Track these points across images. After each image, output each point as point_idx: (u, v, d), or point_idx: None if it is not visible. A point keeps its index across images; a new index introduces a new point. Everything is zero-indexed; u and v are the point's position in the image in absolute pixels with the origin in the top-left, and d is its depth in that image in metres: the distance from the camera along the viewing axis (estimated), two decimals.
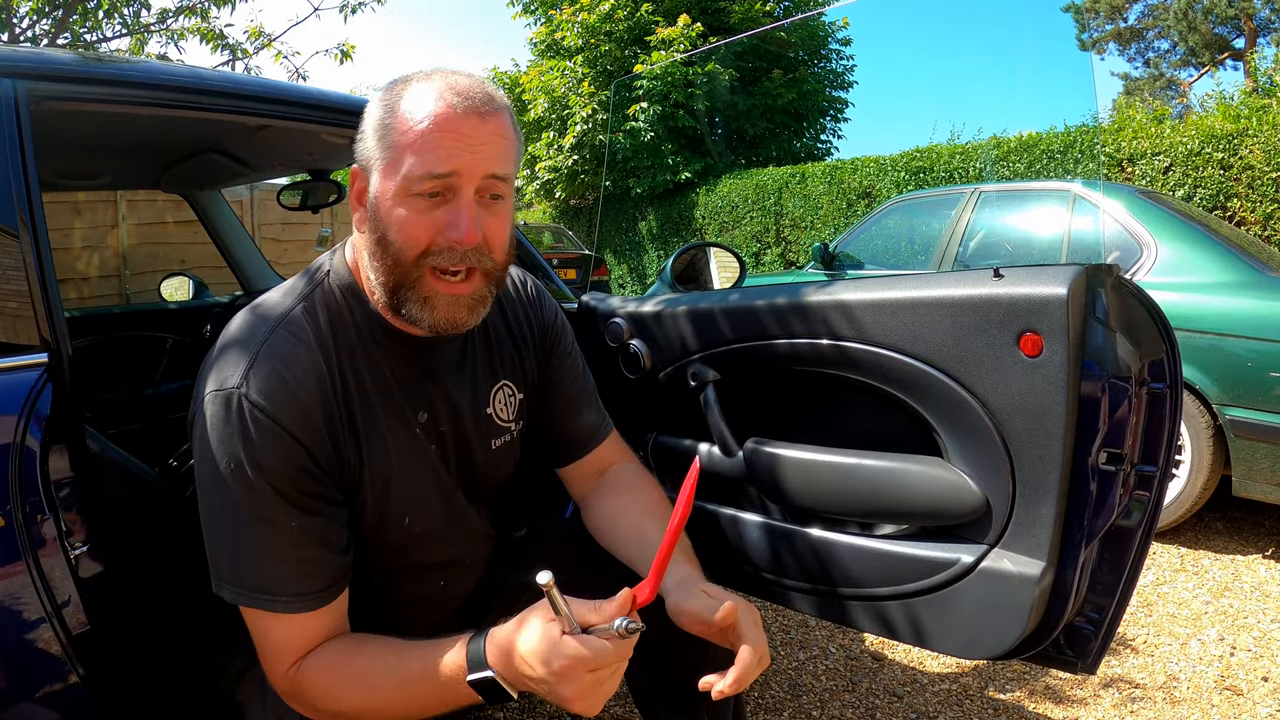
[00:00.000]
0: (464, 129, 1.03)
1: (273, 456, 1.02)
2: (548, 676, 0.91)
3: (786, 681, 2.42)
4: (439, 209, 1.05)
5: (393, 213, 1.05)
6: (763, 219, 12.83)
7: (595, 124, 15.18)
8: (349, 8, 7.07)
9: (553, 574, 0.90)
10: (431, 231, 1.05)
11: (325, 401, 1.08)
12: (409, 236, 1.05)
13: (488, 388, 1.30)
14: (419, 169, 1.03)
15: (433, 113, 1.03)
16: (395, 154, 1.04)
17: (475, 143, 1.04)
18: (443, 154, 1.03)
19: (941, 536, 1.41)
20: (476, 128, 1.04)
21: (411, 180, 1.03)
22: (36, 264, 1.21)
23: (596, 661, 0.91)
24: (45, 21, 6.34)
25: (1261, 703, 2.28)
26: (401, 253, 1.06)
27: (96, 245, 7.19)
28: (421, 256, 1.06)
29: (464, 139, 1.03)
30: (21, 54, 1.38)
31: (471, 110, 1.04)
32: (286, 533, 1.03)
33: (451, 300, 1.09)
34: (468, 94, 1.05)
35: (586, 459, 1.42)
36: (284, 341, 1.08)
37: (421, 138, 1.03)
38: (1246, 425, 3.25)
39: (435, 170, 1.03)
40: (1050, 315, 1.23)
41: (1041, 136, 9.28)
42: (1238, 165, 7.24)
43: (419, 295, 1.08)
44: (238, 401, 1.02)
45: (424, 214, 1.05)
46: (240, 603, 1.05)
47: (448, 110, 1.03)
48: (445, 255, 1.06)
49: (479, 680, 0.98)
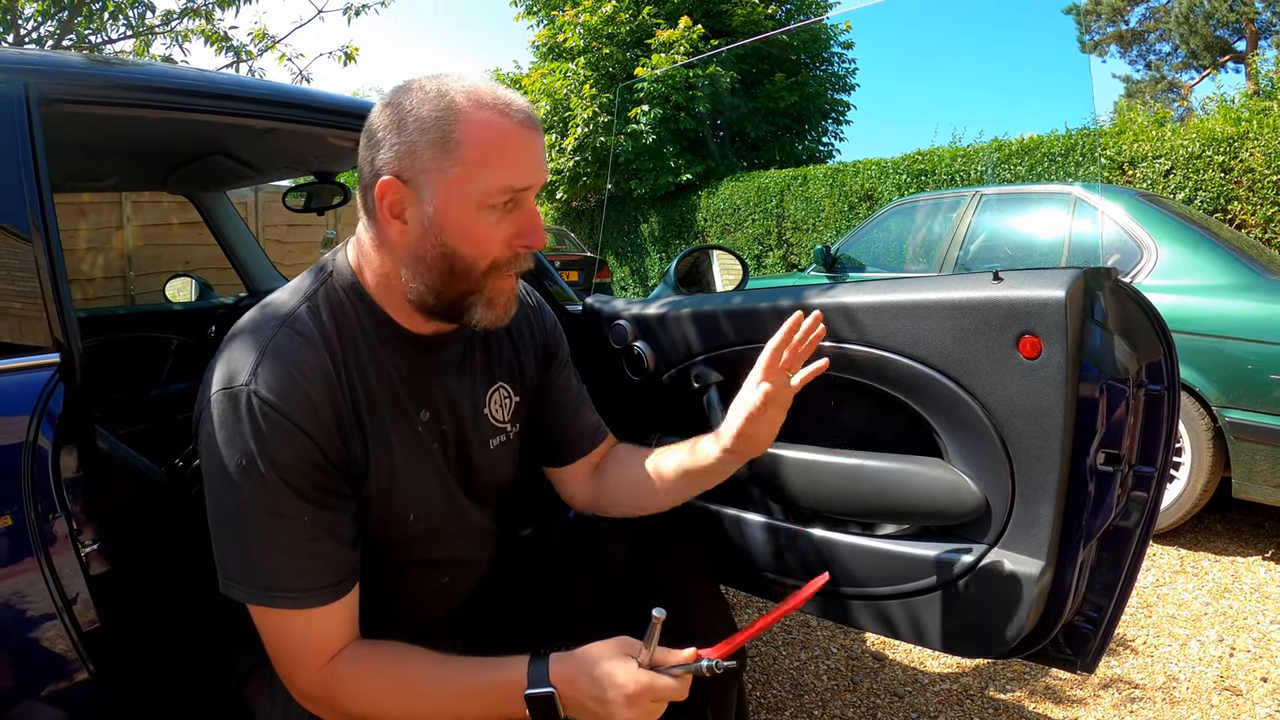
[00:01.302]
0: (533, 144, 1.09)
1: (284, 451, 1.03)
2: (618, 699, 1.00)
3: (788, 681, 2.43)
4: (506, 219, 1.09)
5: (468, 228, 1.07)
6: (764, 221, 12.83)
7: (597, 126, 15.18)
8: (352, 10, 7.09)
9: (665, 612, 1.02)
10: (502, 243, 1.09)
11: (332, 397, 1.09)
12: (484, 250, 1.08)
13: (484, 388, 1.31)
14: (500, 183, 1.05)
15: (505, 129, 1.06)
16: (467, 169, 1.05)
17: (540, 156, 1.10)
18: (523, 169, 1.07)
19: (942, 536, 1.43)
20: (537, 142, 1.10)
21: (490, 194, 1.05)
22: (48, 265, 1.22)
23: (663, 694, 1.02)
24: (50, 23, 6.37)
25: (1261, 703, 2.29)
26: (475, 265, 1.09)
27: (102, 246, 7.20)
28: (492, 267, 1.10)
29: (534, 152, 1.09)
30: (33, 56, 1.40)
31: (531, 125, 1.09)
32: (299, 527, 1.04)
33: (509, 296, 1.15)
34: (522, 108, 1.09)
35: (587, 457, 1.45)
36: (290, 339, 1.09)
37: (501, 154, 1.05)
38: (1246, 427, 3.27)
39: (517, 185, 1.07)
40: (1049, 318, 1.25)
41: (1042, 140, 9.29)
42: (1238, 168, 7.25)
43: (485, 298, 1.12)
44: (247, 398, 1.03)
45: (495, 226, 1.08)
46: (251, 601, 1.05)
47: (516, 126, 1.07)
48: (521, 261, 1.12)
49: (536, 695, 1.03)
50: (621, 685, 1.00)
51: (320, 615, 1.06)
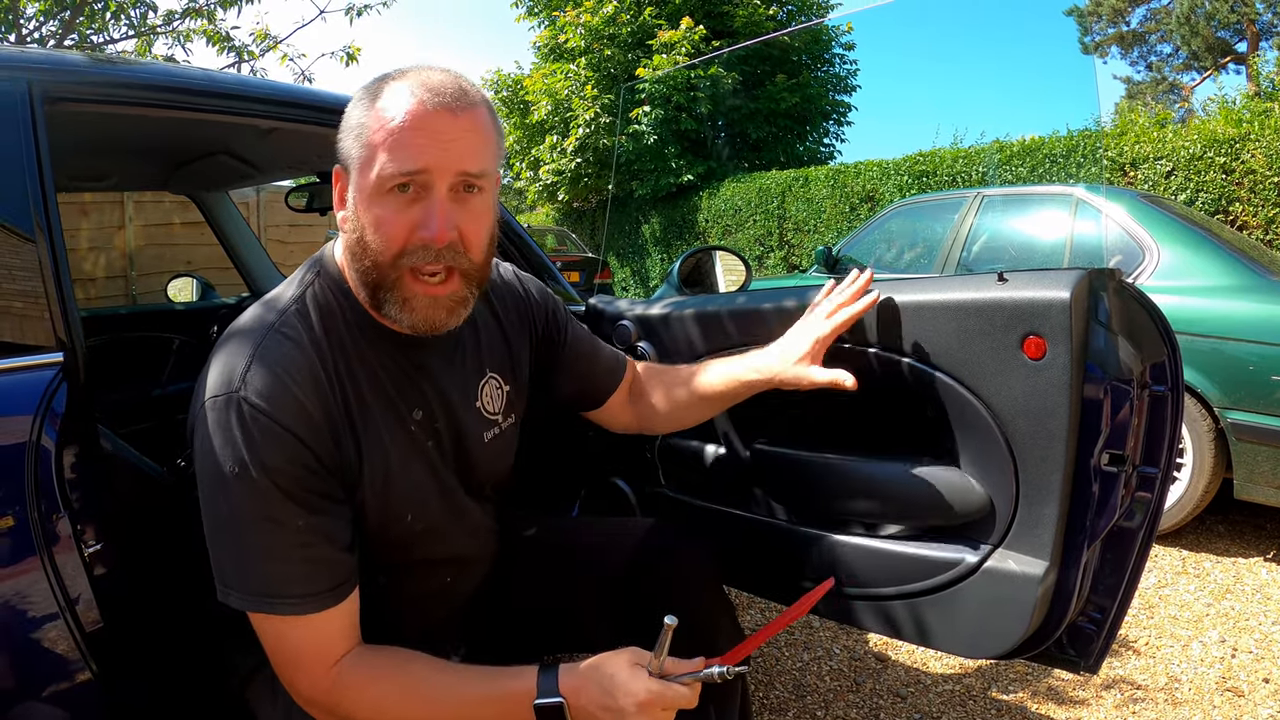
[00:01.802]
0: (435, 125, 1.03)
1: (276, 456, 1.02)
2: (629, 707, 1.00)
3: (791, 682, 2.43)
4: (413, 207, 1.05)
5: (369, 212, 1.05)
6: (766, 222, 12.83)
7: (598, 127, 15.18)
8: (354, 10, 7.09)
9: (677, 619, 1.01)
10: (406, 230, 1.05)
11: (323, 400, 1.08)
12: (385, 236, 1.05)
13: (475, 381, 1.30)
14: (389, 167, 1.02)
15: (404, 109, 1.03)
16: (369, 152, 1.04)
17: (446, 139, 1.04)
18: (413, 151, 1.02)
19: (945, 537, 1.43)
20: (449, 124, 1.04)
21: (384, 179, 1.03)
22: (52, 264, 1.22)
23: (673, 702, 1.02)
24: (52, 23, 6.37)
25: (1263, 704, 2.29)
26: (379, 253, 1.06)
27: (103, 246, 7.20)
28: (398, 257, 1.06)
29: (435, 135, 1.03)
30: (36, 55, 1.39)
31: (443, 106, 1.04)
32: (293, 533, 1.03)
33: (430, 301, 1.09)
34: (439, 90, 1.04)
35: (618, 391, 1.51)
36: (278, 343, 1.08)
37: (393, 135, 1.02)
38: (1248, 428, 3.26)
39: (405, 168, 1.02)
40: (1053, 319, 1.24)
41: (1044, 141, 9.29)
42: (1240, 169, 7.25)
43: (398, 296, 1.08)
44: (237, 404, 1.02)
45: (399, 213, 1.04)
46: (249, 609, 1.04)
47: (418, 107, 1.03)
48: (420, 254, 1.05)
49: (546, 706, 1.03)
50: (633, 694, 1.00)
51: (319, 620, 1.05)
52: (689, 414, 1.50)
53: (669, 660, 1.03)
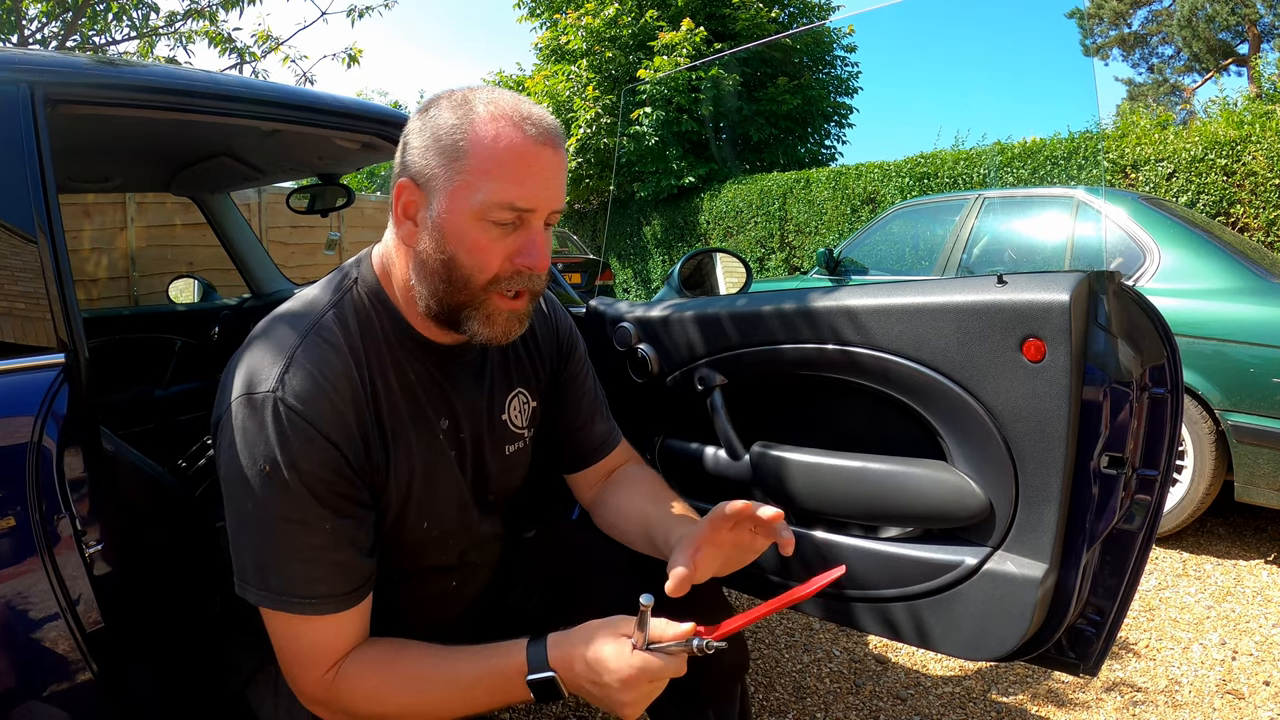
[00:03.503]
0: (542, 162, 1.06)
1: (310, 459, 1.03)
2: (613, 683, 1.00)
3: (791, 684, 2.43)
4: (510, 235, 1.07)
5: (465, 236, 1.06)
6: (767, 224, 12.83)
7: (600, 128, 15.18)
8: (356, 12, 7.10)
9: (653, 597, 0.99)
10: (503, 257, 1.07)
11: (357, 406, 1.09)
12: (481, 263, 1.07)
13: (504, 394, 1.31)
14: (500, 198, 1.04)
15: (514, 143, 1.04)
16: (470, 178, 1.04)
17: (550, 176, 1.07)
18: (527, 189, 1.05)
19: (945, 539, 1.43)
20: (551, 160, 1.07)
21: (490, 208, 1.04)
22: (54, 266, 1.22)
23: (659, 674, 1.00)
24: (54, 24, 6.38)
25: (1263, 707, 2.29)
26: (472, 277, 1.07)
27: (105, 247, 7.23)
28: (492, 282, 1.08)
29: (542, 173, 1.06)
30: (38, 57, 1.40)
31: (547, 143, 1.06)
32: (320, 535, 1.04)
33: (510, 315, 1.12)
34: (541, 124, 1.07)
35: (597, 466, 1.45)
36: (317, 346, 1.09)
37: (503, 168, 1.04)
38: (1248, 431, 3.26)
39: (518, 204, 1.04)
40: (1053, 321, 1.25)
41: (1045, 143, 9.27)
42: (1241, 171, 7.24)
43: (483, 314, 1.10)
44: (274, 405, 1.03)
45: (497, 241, 1.06)
46: (266, 605, 1.05)
47: (527, 142, 1.05)
48: (514, 280, 1.09)
49: (538, 680, 1.05)
50: (615, 670, 0.99)
51: (334, 622, 1.06)
52: (625, 543, 1.37)
53: (658, 625, 1.02)
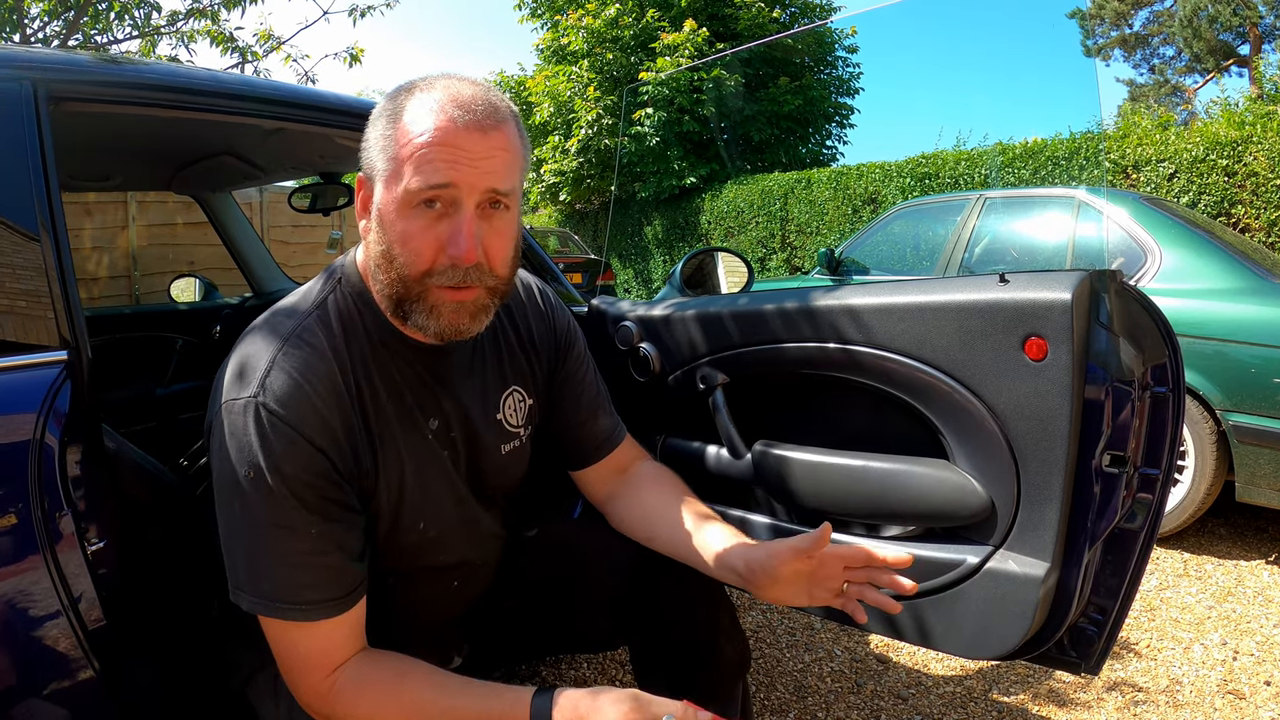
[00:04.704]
0: (465, 143, 1.02)
1: (293, 463, 1.02)
2: None
3: (792, 683, 2.43)
4: (440, 222, 1.04)
5: (395, 225, 1.04)
6: (768, 224, 12.83)
7: (601, 129, 15.18)
8: (358, 12, 7.10)
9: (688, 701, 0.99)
10: (434, 247, 1.04)
11: (342, 409, 1.08)
12: (413, 252, 1.04)
13: (498, 393, 1.30)
14: (416, 182, 1.01)
15: (433, 125, 1.02)
16: (396, 165, 1.03)
17: (476, 157, 1.02)
18: (441, 167, 1.01)
19: (947, 538, 1.43)
20: (478, 141, 1.03)
21: (411, 193, 1.02)
22: (57, 264, 1.22)
23: None
24: (56, 23, 6.38)
25: (1264, 707, 2.29)
26: (406, 268, 1.05)
27: (107, 246, 7.23)
28: (425, 275, 1.05)
29: (464, 153, 1.02)
30: (41, 55, 1.40)
31: (473, 124, 1.02)
32: (307, 540, 1.03)
33: (456, 307, 1.08)
34: (470, 106, 1.03)
35: (603, 462, 1.43)
36: (299, 350, 1.08)
37: (421, 151, 1.01)
38: (1249, 431, 3.26)
39: (432, 181, 1.01)
40: (1055, 320, 1.25)
41: (1046, 143, 9.28)
42: (1242, 172, 7.24)
43: (425, 305, 1.07)
44: (256, 410, 1.03)
45: (426, 229, 1.03)
46: (259, 612, 1.05)
47: (448, 123, 1.02)
48: (449, 274, 1.05)
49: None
50: None
51: (327, 627, 1.06)
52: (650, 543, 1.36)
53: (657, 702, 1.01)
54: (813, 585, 1.18)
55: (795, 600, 1.19)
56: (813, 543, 1.13)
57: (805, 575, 1.17)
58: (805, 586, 1.18)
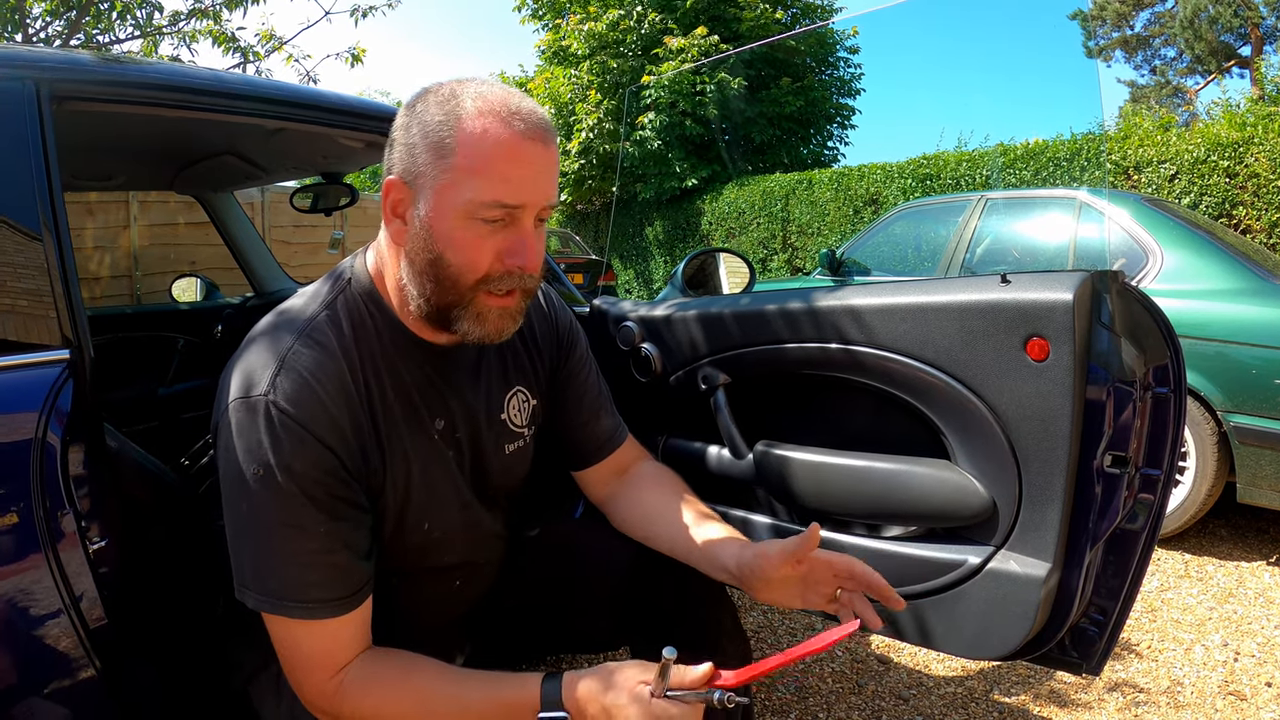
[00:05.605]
0: (531, 158, 1.03)
1: (302, 461, 1.02)
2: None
3: (793, 684, 2.43)
4: (499, 233, 1.05)
5: (453, 235, 1.04)
6: (769, 225, 12.83)
7: (602, 131, 15.17)
8: (359, 12, 7.10)
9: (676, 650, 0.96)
10: (493, 256, 1.05)
11: (351, 408, 1.08)
12: (470, 261, 1.04)
13: (502, 394, 1.30)
14: (487, 196, 1.01)
15: (501, 139, 1.01)
16: (457, 176, 1.02)
17: (538, 172, 1.04)
18: (514, 185, 1.02)
19: (948, 538, 1.43)
20: (540, 156, 1.04)
21: (478, 206, 1.02)
22: (59, 263, 1.22)
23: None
24: (58, 23, 6.38)
25: (1265, 708, 2.29)
26: (461, 277, 1.05)
27: (108, 246, 7.24)
28: (482, 281, 1.06)
29: (531, 168, 1.03)
30: (43, 54, 1.40)
31: (536, 138, 1.03)
32: (315, 538, 1.03)
33: (501, 313, 1.09)
34: (530, 119, 1.03)
35: (604, 462, 1.43)
36: (309, 348, 1.08)
37: (490, 164, 1.01)
38: (1251, 432, 3.26)
39: (506, 201, 1.02)
40: (1056, 320, 1.25)
41: (1048, 144, 9.28)
42: (1243, 173, 7.24)
43: (473, 312, 1.08)
44: (265, 408, 1.03)
45: (486, 239, 1.04)
46: (264, 610, 1.04)
47: (515, 137, 1.02)
48: (505, 280, 1.06)
49: (550, 719, 1.02)
50: (631, 718, 0.97)
51: (333, 626, 1.05)
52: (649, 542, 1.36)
53: (678, 670, 1.00)
54: (805, 589, 1.20)
55: (789, 602, 1.21)
56: (800, 545, 1.14)
57: (796, 579, 1.18)
58: (798, 590, 1.20)
